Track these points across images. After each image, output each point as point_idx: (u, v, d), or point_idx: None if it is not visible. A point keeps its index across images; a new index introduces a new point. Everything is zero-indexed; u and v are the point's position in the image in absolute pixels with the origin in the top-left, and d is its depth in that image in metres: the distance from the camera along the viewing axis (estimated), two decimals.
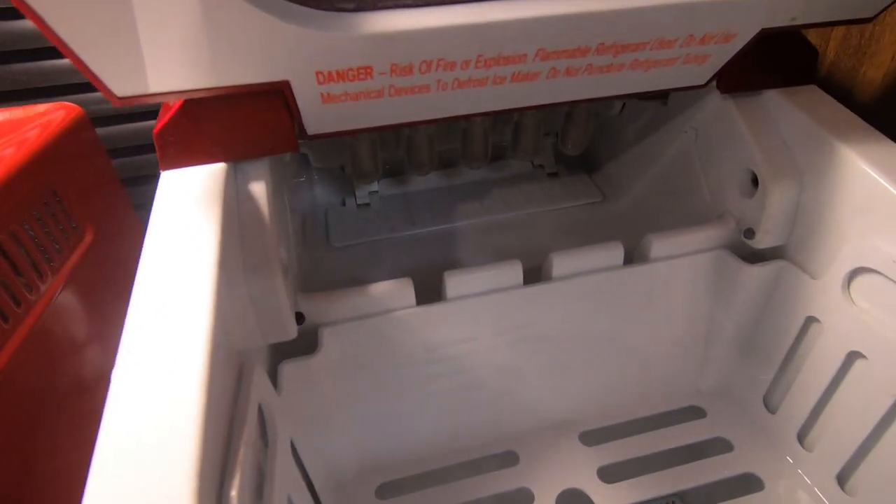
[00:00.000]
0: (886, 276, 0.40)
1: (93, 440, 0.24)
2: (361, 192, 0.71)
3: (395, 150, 0.65)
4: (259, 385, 0.34)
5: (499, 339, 0.50)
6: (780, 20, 0.39)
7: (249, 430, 0.31)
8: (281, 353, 0.43)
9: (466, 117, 0.44)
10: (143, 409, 0.25)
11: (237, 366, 0.34)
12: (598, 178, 0.74)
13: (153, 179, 0.38)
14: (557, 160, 0.75)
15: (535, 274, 0.50)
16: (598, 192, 0.72)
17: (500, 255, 0.64)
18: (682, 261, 0.50)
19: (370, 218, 0.69)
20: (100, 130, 0.81)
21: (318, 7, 0.29)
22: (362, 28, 0.30)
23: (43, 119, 0.63)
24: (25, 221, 0.48)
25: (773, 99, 0.48)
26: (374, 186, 0.72)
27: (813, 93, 0.47)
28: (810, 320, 0.47)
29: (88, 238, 0.60)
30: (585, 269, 0.48)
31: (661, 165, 0.62)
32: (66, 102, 0.64)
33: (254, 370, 0.34)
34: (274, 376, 0.41)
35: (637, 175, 0.66)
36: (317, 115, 0.38)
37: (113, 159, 0.71)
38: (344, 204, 0.72)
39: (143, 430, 0.24)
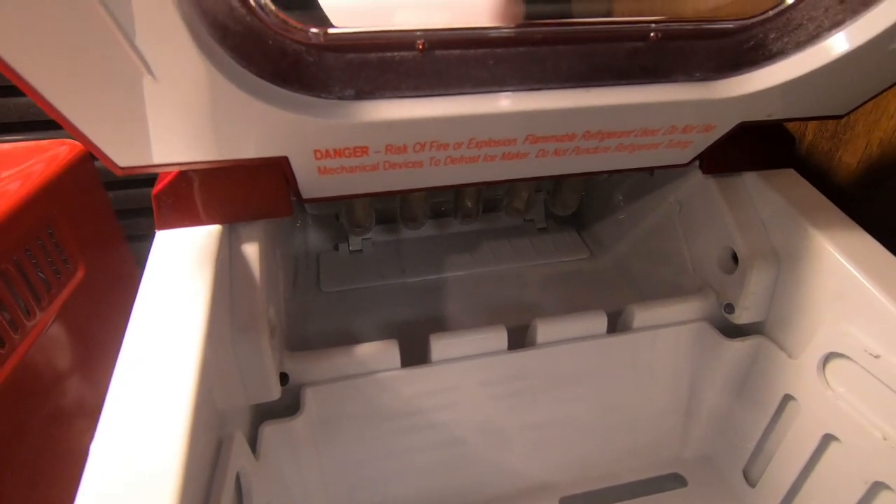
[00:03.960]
0: (860, 365, 0.41)
1: (69, 477, 0.24)
2: (354, 239, 0.72)
3: (389, 203, 0.66)
4: (238, 452, 0.34)
5: (482, 401, 0.50)
6: (757, 116, 0.42)
7: (226, 500, 0.31)
8: (263, 414, 0.43)
9: (458, 187, 0.45)
10: (120, 480, 0.25)
11: (218, 428, 0.34)
12: (586, 234, 0.76)
13: (147, 212, 0.38)
14: (547, 215, 0.77)
15: (521, 333, 0.51)
16: (586, 249, 0.73)
17: (487, 310, 0.65)
18: (665, 331, 0.51)
19: (361, 265, 0.70)
20: (97, 164, 0.82)
21: (318, 95, 0.31)
22: (361, 116, 0.32)
23: (47, 154, 0.64)
24: (24, 252, 0.49)
25: (752, 181, 0.50)
26: (368, 234, 0.73)
27: (789, 176, 0.50)
28: (788, 398, 0.48)
29: (80, 273, 0.60)
30: (569, 336, 0.49)
31: (646, 230, 0.64)
32: (69, 139, 0.65)
33: (234, 437, 0.34)
34: (255, 437, 0.41)
35: (623, 236, 0.68)
36: (313, 184, 0.40)
37: (108, 191, 0.72)
38: (337, 249, 0.73)
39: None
